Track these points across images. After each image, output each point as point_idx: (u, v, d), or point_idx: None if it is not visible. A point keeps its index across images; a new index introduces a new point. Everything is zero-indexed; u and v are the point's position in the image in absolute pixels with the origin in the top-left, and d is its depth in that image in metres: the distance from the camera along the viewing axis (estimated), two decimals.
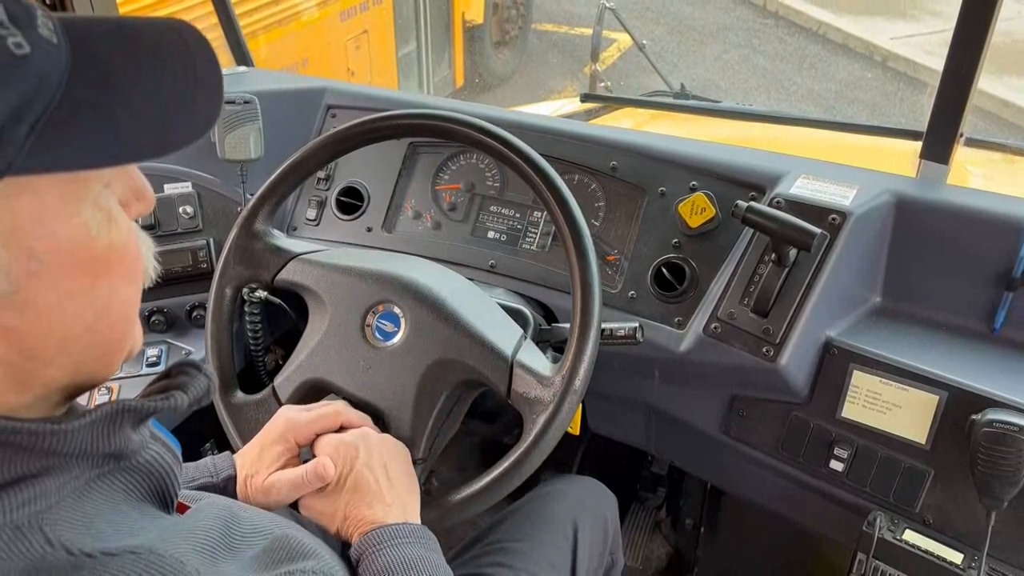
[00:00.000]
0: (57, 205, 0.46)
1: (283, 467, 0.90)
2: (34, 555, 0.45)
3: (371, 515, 0.84)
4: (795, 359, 1.10)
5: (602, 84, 2.93)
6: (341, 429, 0.93)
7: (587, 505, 1.22)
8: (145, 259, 0.56)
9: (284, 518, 0.70)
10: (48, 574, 0.44)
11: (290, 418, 0.92)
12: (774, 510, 1.32)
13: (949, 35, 1.14)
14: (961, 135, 1.20)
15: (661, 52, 5.98)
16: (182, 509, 0.60)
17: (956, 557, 1.05)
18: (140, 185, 0.54)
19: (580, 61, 6.14)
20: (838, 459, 1.13)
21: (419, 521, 0.87)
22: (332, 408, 0.94)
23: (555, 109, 2.53)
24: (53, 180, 0.45)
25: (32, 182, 0.44)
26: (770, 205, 1.12)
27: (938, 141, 1.21)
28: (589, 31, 3.12)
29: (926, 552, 1.06)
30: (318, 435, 0.92)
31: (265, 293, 1.33)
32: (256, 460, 0.91)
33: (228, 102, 1.39)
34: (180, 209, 1.42)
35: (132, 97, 0.47)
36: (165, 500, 0.58)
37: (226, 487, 0.90)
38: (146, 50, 0.48)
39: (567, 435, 0.96)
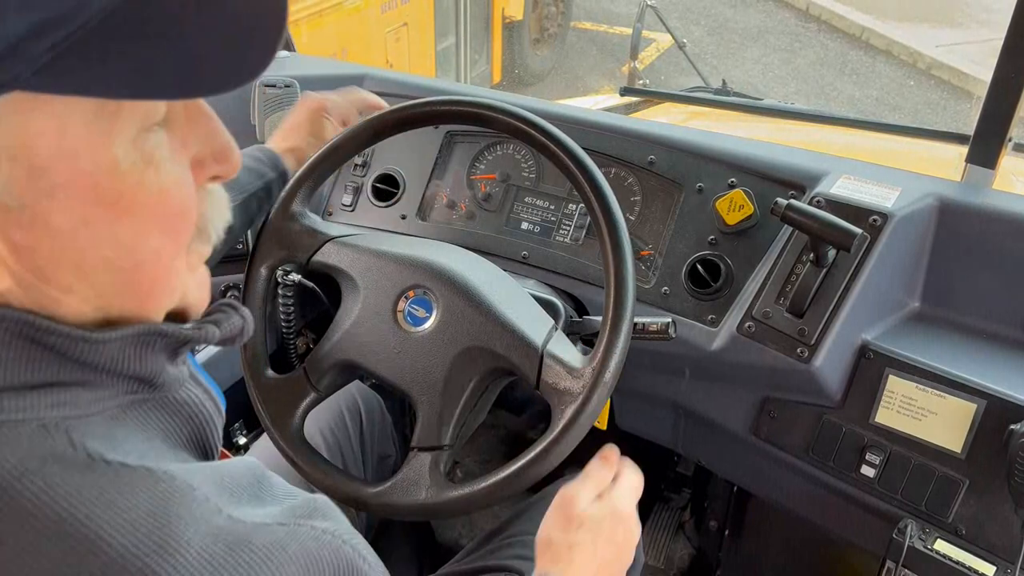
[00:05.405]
0: (81, 132, 0.45)
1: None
2: (55, 451, 0.46)
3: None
4: (830, 361, 1.08)
5: (640, 82, 2.92)
6: None
7: None
8: (207, 219, 0.56)
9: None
10: (62, 466, 0.45)
11: (325, 97, 1.19)
12: (801, 515, 1.31)
13: (997, 44, 1.12)
14: (1010, 139, 1.17)
15: (700, 53, 5.94)
16: (224, 458, 0.61)
17: (988, 569, 1.03)
18: (223, 146, 0.54)
19: (618, 60, 6.12)
20: (870, 465, 1.11)
21: None
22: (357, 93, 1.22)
23: (594, 103, 2.52)
24: (77, 106, 0.44)
25: (50, 103, 0.43)
26: (810, 204, 1.10)
27: (985, 145, 1.18)
28: (628, 30, 3.11)
29: (957, 563, 1.04)
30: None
31: (299, 276, 1.34)
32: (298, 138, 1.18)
33: (269, 85, 1.41)
34: None
35: (175, 37, 0.44)
36: (206, 450, 0.58)
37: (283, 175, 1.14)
38: None
39: (593, 431, 0.95)
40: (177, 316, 0.58)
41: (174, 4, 0.44)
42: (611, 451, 0.96)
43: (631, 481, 0.95)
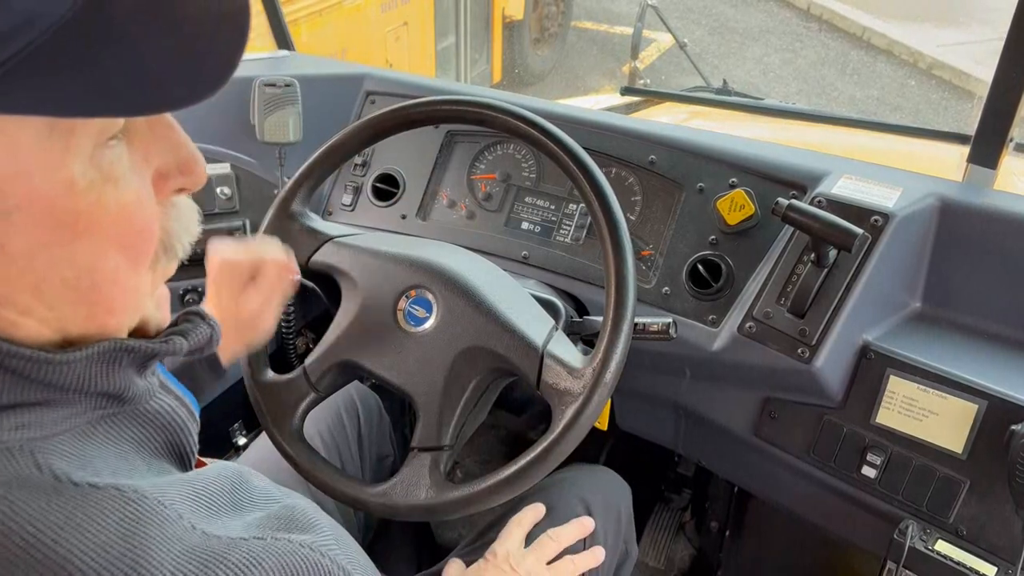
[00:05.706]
0: (35, 151, 0.43)
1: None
2: (19, 474, 0.45)
3: None
4: (831, 362, 1.08)
5: (641, 82, 2.92)
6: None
7: (599, 494, 1.21)
8: (171, 234, 0.54)
9: (295, 489, 0.69)
10: (28, 491, 0.44)
11: (225, 260, 0.99)
12: (802, 515, 1.31)
13: (999, 44, 1.12)
14: (1011, 139, 1.17)
15: (701, 53, 5.94)
16: (200, 466, 0.60)
17: (989, 570, 1.02)
18: (187, 158, 0.52)
19: (618, 60, 6.11)
20: (871, 465, 1.11)
21: None
22: (260, 246, 1.01)
23: (594, 103, 2.52)
24: (29, 124, 0.42)
25: (0, 122, 0.41)
26: (811, 204, 1.10)
27: (987, 145, 1.18)
28: (628, 30, 3.11)
29: (958, 563, 1.03)
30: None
31: (299, 276, 1.33)
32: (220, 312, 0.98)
33: (269, 85, 1.41)
34: (218, 190, 1.43)
35: (129, 50, 0.41)
36: (182, 457, 0.57)
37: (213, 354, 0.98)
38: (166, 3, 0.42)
39: (593, 430, 0.95)
40: (136, 333, 0.56)
41: (125, 16, 0.40)
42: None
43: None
